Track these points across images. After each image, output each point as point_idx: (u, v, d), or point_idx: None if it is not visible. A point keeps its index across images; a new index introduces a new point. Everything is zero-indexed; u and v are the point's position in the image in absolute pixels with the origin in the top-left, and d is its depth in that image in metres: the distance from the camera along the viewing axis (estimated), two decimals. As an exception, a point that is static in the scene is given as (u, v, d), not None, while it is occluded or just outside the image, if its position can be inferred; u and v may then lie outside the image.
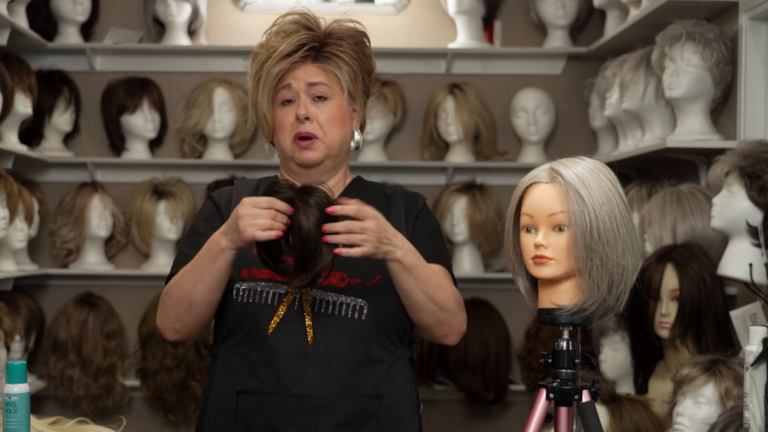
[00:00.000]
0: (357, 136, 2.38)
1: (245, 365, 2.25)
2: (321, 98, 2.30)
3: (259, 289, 2.25)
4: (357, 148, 2.39)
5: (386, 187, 2.40)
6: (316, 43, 2.30)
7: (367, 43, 2.37)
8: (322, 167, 2.33)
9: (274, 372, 2.22)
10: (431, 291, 2.22)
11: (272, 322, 2.23)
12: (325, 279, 2.17)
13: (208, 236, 2.27)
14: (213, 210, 2.36)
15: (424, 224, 2.36)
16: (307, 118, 2.28)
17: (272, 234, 2.07)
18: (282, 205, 2.09)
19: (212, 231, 2.29)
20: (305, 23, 2.31)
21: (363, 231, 2.09)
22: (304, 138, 2.29)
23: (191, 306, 2.22)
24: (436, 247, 2.34)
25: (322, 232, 2.07)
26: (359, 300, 2.24)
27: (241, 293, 2.25)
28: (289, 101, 2.30)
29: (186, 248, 2.33)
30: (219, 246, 2.15)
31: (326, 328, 2.23)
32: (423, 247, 2.29)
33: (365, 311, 2.24)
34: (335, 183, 2.36)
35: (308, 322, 2.23)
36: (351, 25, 2.35)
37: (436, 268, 2.29)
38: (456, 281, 2.35)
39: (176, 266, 2.31)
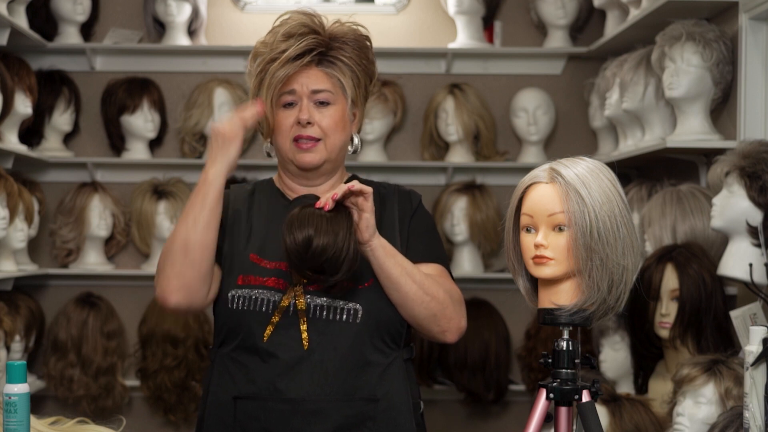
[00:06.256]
0: (356, 140, 2.37)
1: (241, 371, 2.25)
2: (323, 103, 2.30)
3: (253, 296, 2.24)
4: (355, 152, 2.38)
5: (381, 187, 2.38)
6: (323, 47, 2.29)
7: (370, 48, 2.36)
8: (321, 170, 2.33)
9: (270, 378, 2.21)
10: (419, 280, 2.21)
11: (267, 329, 2.22)
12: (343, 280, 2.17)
13: None
14: None
15: (419, 223, 2.35)
16: (309, 123, 2.28)
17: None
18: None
19: None
20: (312, 26, 2.29)
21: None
22: (304, 140, 2.28)
23: (187, 252, 2.18)
24: (433, 246, 2.34)
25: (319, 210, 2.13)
26: (353, 304, 2.23)
27: (236, 300, 2.25)
28: (290, 104, 2.30)
29: None
30: (204, 173, 2.22)
31: (321, 333, 2.22)
32: (419, 246, 2.29)
33: (359, 315, 2.23)
34: (333, 184, 2.35)
35: (303, 328, 2.22)
36: (353, 27, 2.33)
37: (433, 267, 2.30)
38: (454, 279, 2.34)
39: None
